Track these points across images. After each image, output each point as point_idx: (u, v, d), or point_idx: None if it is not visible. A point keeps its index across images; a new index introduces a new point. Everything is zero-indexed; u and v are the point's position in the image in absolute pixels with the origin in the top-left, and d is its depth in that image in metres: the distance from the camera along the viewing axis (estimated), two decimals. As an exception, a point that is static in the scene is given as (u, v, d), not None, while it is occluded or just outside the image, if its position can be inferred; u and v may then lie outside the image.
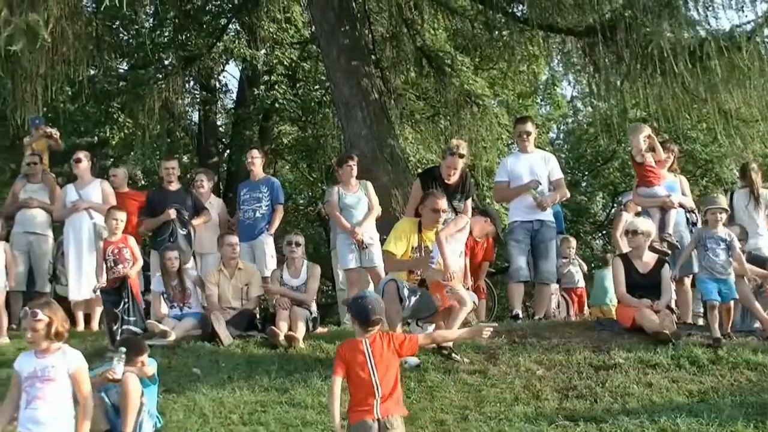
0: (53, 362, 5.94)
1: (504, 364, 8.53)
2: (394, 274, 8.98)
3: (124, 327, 9.53)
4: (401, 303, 8.66)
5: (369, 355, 5.97)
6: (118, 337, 9.23)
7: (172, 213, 11.48)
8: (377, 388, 5.88)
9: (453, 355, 8.64)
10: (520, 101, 25.10)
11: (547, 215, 10.70)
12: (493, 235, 11.52)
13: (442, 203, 9.08)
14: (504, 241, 11.84)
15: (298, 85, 22.18)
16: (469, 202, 10.72)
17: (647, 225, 9.83)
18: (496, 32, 16.95)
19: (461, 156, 10.32)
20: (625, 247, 10.34)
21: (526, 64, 19.30)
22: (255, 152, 12.45)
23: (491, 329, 6.84)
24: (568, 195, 11.53)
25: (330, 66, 15.04)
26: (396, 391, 6.02)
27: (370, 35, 16.88)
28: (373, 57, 16.45)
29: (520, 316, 10.56)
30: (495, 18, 16.26)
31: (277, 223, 12.05)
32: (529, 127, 10.99)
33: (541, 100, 28.38)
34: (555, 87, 27.16)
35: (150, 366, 7.26)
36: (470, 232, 9.70)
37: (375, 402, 5.86)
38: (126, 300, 9.72)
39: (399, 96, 18.39)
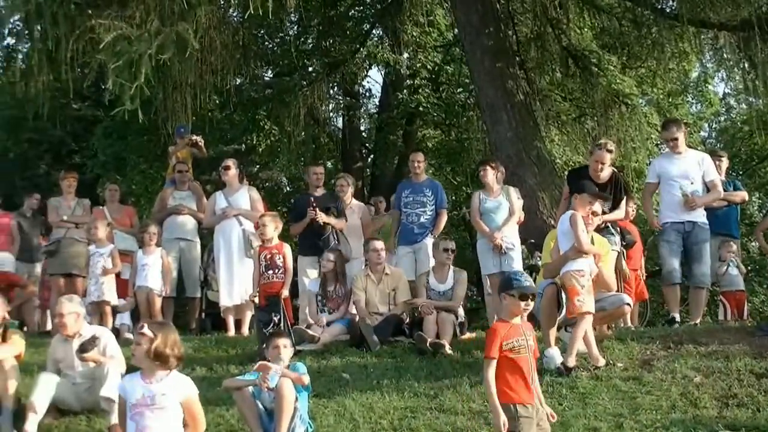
0: (163, 389, 5.72)
1: (659, 370, 8.22)
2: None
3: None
4: (558, 309, 8.45)
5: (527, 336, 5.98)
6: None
7: (313, 213, 11.52)
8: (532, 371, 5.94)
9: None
10: (670, 100, 24.48)
11: (700, 216, 10.29)
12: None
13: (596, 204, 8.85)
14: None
15: (441, 88, 22.14)
16: (624, 203, 10.40)
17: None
18: (645, 29, 16.56)
19: (609, 151, 10.07)
20: None
21: (675, 61, 18.77)
22: (420, 155, 12.41)
23: None
24: (722, 195, 11.02)
25: (474, 68, 14.93)
26: None
27: (514, 36, 16.69)
28: (517, 58, 16.25)
29: (677, 320, 10.20)
30: (643, 14, 15.92)
31: (441, 228, 11.95)
32: (674, 132, 10.53)
33: (692, 98, 27.61)
34: (706, 84, 26.38)
35: (302, 372, 7.27)
36: None
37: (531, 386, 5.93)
38: (276, 321, 9.63)
39: (544, 97, 18.12)
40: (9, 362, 8.15)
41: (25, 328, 12.29)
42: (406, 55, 21.36)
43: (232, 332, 11.61)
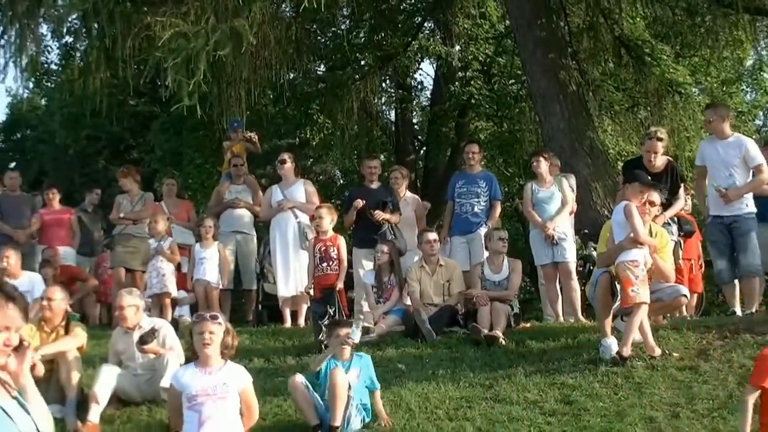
0: (224, 379, 5.84)
1: (716, 360, 8.19)
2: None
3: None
4: (613, 297, 8.46)
5: None
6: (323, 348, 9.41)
7: (357, 206, 11.63)
8: None
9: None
10: (724, 88, 24.14)
11: (743, 207, 10.02)
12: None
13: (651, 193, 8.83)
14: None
15: (493, 80, 22.07)
16: (682, 191, 10.34)
17: None
18: (698, 18, 16.37)
19: (660, 139, 10.02)
20: None
21: (730, 49, 18.51)
22: (475, 146, 12.47)
23: None
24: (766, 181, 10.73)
25: (526, 59, 14.89)
26: None
27: (566, 27, 16.59)
28: (569, 49, 16.14)
29: (737, 313, 10.11)
30: (697, 3, 15.73)
31: (495, 219, 11.99)
32: (708, 116, 10.40)
33: (747, 87, 27.21)
34: (761, 72, 25.98)
35: (368, 365, 7.39)
36: None
37: None
38: (332, 314, 9.66)
39: (597, 87, 18.02)
40: (72, 354, 8.34)
41: (86, 321, 12.52)
42: (457, 47, 21.35)
43: (288, 324, 11.74)
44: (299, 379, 7.17)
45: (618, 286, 8.34)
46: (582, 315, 10.87)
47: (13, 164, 31.60)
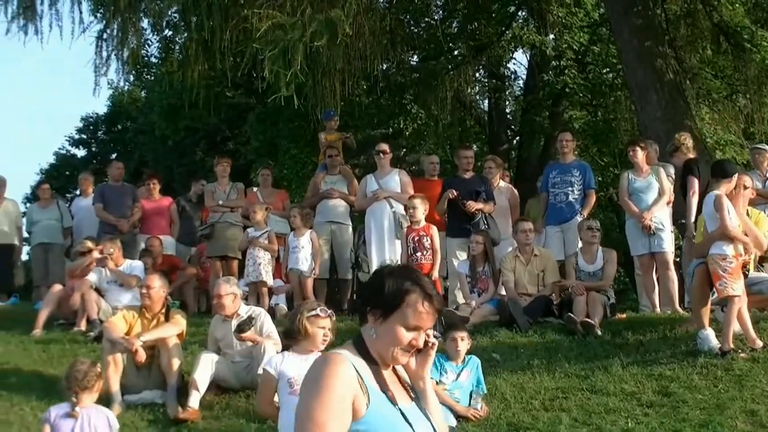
0: None
1: (820, 352, 8.05)
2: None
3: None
4: (711, 288, 8.34)
5: None
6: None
7: (450, 196, 11.62)
8: None
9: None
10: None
11: None
12: None
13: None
14: None
15: (588, 68, 21.85)
16: None
17: None
18: (802, 2, 15.98)
19: None
20: None
21: (834, 33, 18.02)
22: (568, 135, 12.42)
23: None
24: None
25: (622, 48, 14.73)
26: None
27: (663, 14, 16.35)
28: (666, 36, 15.91)
29: None
30: (800, -13, 15.36)
31: (589, 209, 11.93)
32: None
33: None
34: None
35: (477, 366, 7.47)
36: None
37: None
38: None
39: (694, 75, 17.71)
40: (172, 341, 8.55)
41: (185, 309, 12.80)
42: (551, 36, 21.17)
43: (382, 313, 11.76)
44: None
45: (714, 278, 8.26)
46: (679, 306, 10.73)
47: (114, 155, 32.50)
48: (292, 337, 6.38)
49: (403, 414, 3.08)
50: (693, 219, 9.85)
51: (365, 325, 3.15)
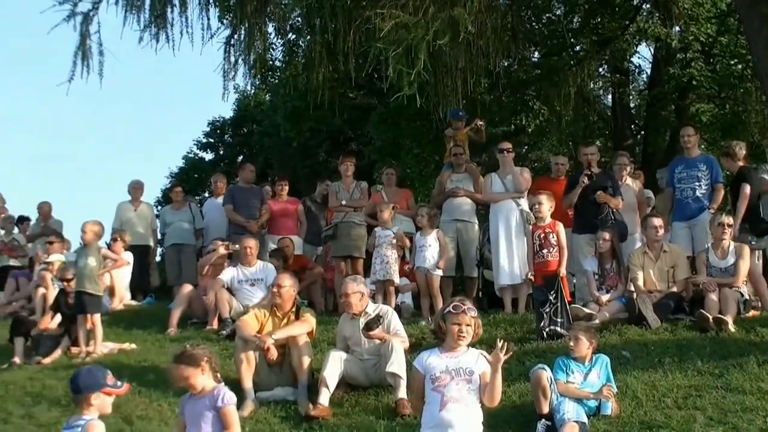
0: (468, 362, 5.89)
1: None
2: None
3: (550, 328, 9.55)
4: None
5: None
6: (544, 336, 9.43)
7: (585, 180, 11.54)
8: None
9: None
10: None
11: None
12: None
13: None
14: None
15: (714, 60, 21.30)
16: None
17: None
18: None
19: None
20: None
21: None
22: (690, 129, 12.27)
23: None
24: None
25: (751, 38, 14.24)
26: None
27: (795, 2, 15.83)
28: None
29: None
30: None
31: (718, 203, 11.72)
32: None
33: None
34: None
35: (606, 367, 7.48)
36: None
37: None
38: (554, 300, 9.68)
39: (828, 64, 17.08)
40: (303, 339, 8.74)
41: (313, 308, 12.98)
42: (677, 28, 20.70)
43: (508, 310, 11.78)
44: (546, 372, 7.24)
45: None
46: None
47: (240, 158, 33.18)
48: (435, 335, 6.46)
49: None
50: (738, 224, 10.01)
51: None
